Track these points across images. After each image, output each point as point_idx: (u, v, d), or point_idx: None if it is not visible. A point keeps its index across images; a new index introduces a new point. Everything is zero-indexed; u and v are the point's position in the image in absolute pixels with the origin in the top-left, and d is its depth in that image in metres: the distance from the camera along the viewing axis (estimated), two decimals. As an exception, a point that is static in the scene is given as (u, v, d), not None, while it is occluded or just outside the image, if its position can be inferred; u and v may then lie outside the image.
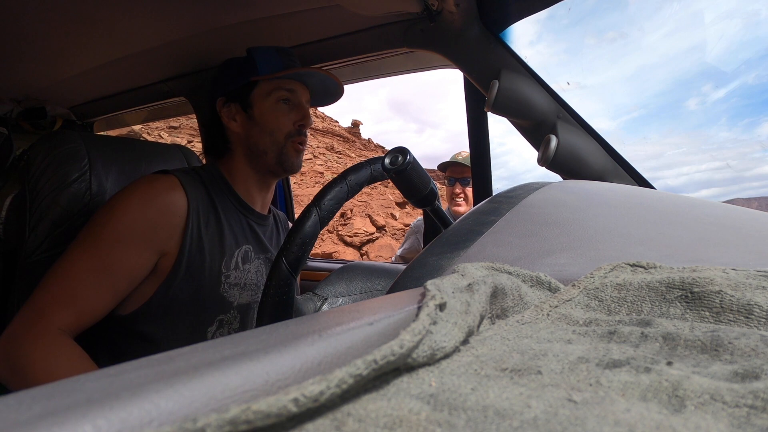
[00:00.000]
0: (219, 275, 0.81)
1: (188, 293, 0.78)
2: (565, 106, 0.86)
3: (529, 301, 0.26)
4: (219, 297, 0.82)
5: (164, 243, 0.75)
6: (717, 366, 0.17)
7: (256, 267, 0.89)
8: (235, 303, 0.85)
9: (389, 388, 0.16)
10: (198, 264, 0.78)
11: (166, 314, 0.77)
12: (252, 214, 0.90)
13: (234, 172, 0.88)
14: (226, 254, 0.82)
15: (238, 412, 0.12)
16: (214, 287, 0.81)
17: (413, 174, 0.60)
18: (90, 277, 0.68)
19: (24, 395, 0.12)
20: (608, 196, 0.47)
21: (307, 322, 0.20)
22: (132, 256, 0.71)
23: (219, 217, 0.82)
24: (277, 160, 0.87)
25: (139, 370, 0.14)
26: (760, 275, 0.23)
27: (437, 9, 0.88)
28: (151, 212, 0.73)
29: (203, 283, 0.79)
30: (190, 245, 0.77)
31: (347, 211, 12.41)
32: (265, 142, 0.86)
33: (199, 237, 0.78)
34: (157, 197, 0.74)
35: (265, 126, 0.86)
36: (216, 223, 0.82)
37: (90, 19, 0.95)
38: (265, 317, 0.50)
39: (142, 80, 1.32)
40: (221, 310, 0.83)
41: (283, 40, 1.09)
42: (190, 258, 0.77)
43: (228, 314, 0.84)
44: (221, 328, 0.84)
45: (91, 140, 0.93)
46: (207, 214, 0.81)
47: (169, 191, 0.76)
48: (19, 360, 0.62)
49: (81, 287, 0.68)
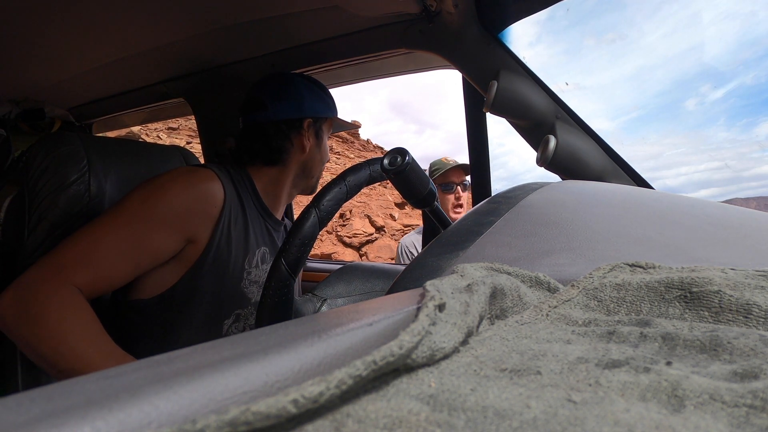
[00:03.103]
0: (242, 271, 0.84)
1: (211, 284, 0.80)
2: (563, 106, 0.86)
3: (529, 302, 0.26)
4: (239, 292, 0.85)
5: (195, 230, 0.77)
6: (716, 366, 0.17)
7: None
8: (253, 299, 0.88)
9: (389, 388, 0.16)
10: (225, 257, 0.81)
11: (188, 302, 0.79)
12: (271, 219, 0.94)
13: (266, 179, 0.92)
14: (250, 252, 0.86)
15: (238, 414, 0.12)
16: (236, 282, 0.84)
17: (412, 175, 0.60)
18: (117, 246, 0.70)
19: (23, 396, 0.12)
20: (607, 197, 0.47)
21: (306, 323, 0.20)
22: (162, 236, 0.73)
23: (246, 215, 0.86)
24: (316, 184, 1.01)
25: (138, 372, 0.14)
26: (758, 275, 0.23)
27: (436, 10, 0.89)
28: (190, 198, 0.75)
29: (227, 276, 0.82)
30: (219, 237, 0.79)
31: (346, 212, 12.41)
32: (318, 169, 0.98)
33: (229, 231, 0.81)
34: (198, 185, 0.77)
35: (323, 157, 0.98)
36: (243, 220, 0.85)
37: (89, 20, 0.95)
38: (264, 318, 0.50)
39: (141, 81, 1.32)
40: (240, 304, 0.86)
41: (283, 41, 1.09)
42: (219, 250, 0.80)
43: (246, 309, 0.87)
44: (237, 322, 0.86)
45: (90, 142, 0.93)
46: (237, 211, 0.84)
47: (209, 181, 0.79)
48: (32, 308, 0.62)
49: (106, 253, 0.69)
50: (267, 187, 0.92)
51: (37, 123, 1.42)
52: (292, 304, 0.52)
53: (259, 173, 0.92)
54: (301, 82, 0.94)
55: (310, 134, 0.93)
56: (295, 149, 0.92)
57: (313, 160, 0.95)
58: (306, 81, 0.95)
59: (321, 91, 0.96)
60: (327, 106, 0.96)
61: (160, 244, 0.73)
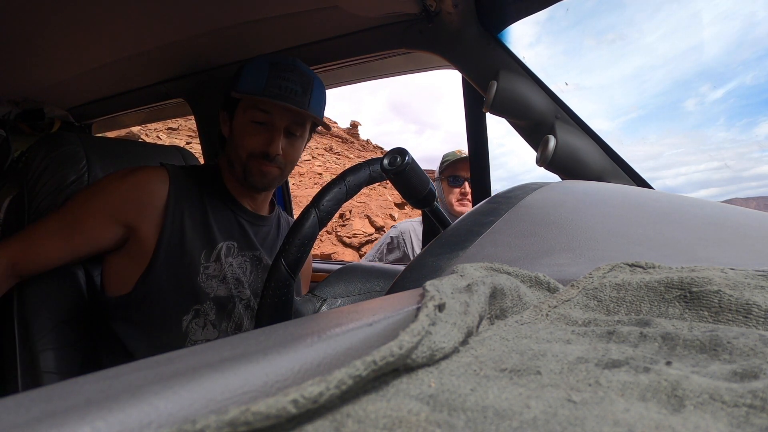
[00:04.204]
0: (198, 265, 0.84)
1: (166, 279, 0.81)
2: (563, 106, 0.86)
3: (528, 302, 0.26)
4: (196, 287, 0.84)
5: (132, 218, 0.80)
6: (716, 366, 0.17)
7: (239, 262, 0.90)
8: (212, 294, 0.86)
9: (388, 389, 0.16)
10: (177, 252, 0.82)
11: (146, 299, 0.81)
12: (243, 212, 0.92)
13: (226, 171, 0.92)
14: (207, 246, 0.85)
15: (237, 414, 0.12)
16: (192, 276, 0.84)
17: (412, 175, 0.60)
18: (50, 227, 0.77)
19: (23, 397, 0.12)
20: (607, 197, 0.47)
21: (306, 324, 0.20)
22: (96, 221, 0.78)
23: (206, 211, 0.86)
24: (242, 174, 0.87)
25: (137, 372, 0.14)
26: (758, 275, 0.23)
27: (435, 10, 0.89)
28: (124, 186, 0.79)
29: (181, 270, 0.82)
30: (170, 233, 0.81)
31: (346, 212, 12.40)
32: (234, 155, 0.88)
33: (181, 226, 0.82)
34: (134, 174, 0.81)
35: (236, 141, 0.87)
36: (201, 216, 0.86)
37: (88, 20, 0.95)
38: (264, 318, 0.50)
39: (141, 82, 1.32)
40: (197, 299, 0.85)
41: (282, 41, 1.09)
42: (170, 245, 0.81)
43: (204, 305, 0.86)
44: (197, 318, 0.85)
45: (90, 142, 0.93)
46: (192, 207, 0.84)
47: (149, 174, 0.82)
48: None
49: (39, 232, 0.77)
50: (228, 178, 0.91)
51: (37, 123, 1.42)
52: (292, 304, 0.52)
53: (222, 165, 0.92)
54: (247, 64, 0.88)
55: (224, 117, 0.90)
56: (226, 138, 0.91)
57: (229, 145, 0.89)
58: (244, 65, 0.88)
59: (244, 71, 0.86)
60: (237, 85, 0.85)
61: (94, 227, 0.78)
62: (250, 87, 0.84)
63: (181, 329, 0.82)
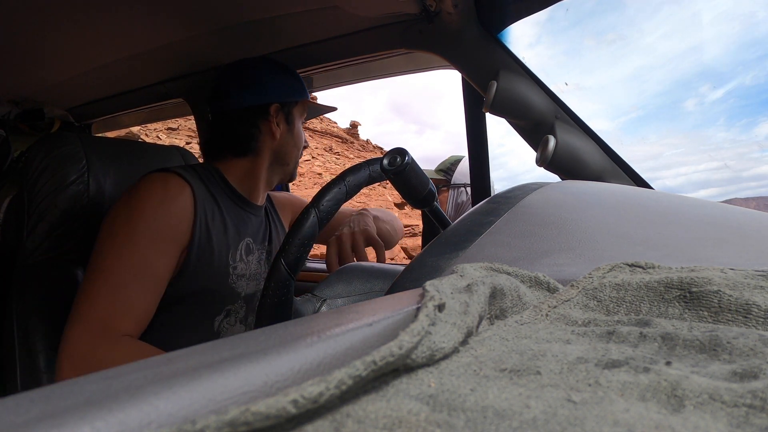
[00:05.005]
0: (227, 267, 0.84)
1: (200, 284, 0.80)
2: (563, 106, 0.86)
3: (528, 302, 0.26)
4: (228, 288, 0.85)
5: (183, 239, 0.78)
6: (716, 366, 0.17)
7: (257, 258, 0.93)
8: (243, 293, 0.88)
9: (388, 389, 0.16)
10: (207, 255, 0.81)
11: (178, 303, 0.80)
12: (249, 207, 0.93)
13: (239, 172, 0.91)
14: (232, 246, 0.86)
15: (237, 414, 0.12)
16: (224, 278, 0.84)
17: (412, 175, 0.60)
18: (136, 283, 0.71)
19: (22, 397, 0.12)
20: (606, 197, 0.47)
21: (306, 324, 0.20)
22: (163, 256, 0.75)
23: (222, 211, 0.85)
24: (293, 171, 0.98)
25: (137, 372, 0.14)
26: (758, 275, 0.23)
27: (435, 10, 0.89)
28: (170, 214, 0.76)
29: (213, 274, 0.82)
30: (199, 238, 0.79)
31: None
32: (293, 155, 0.95)
33: (208, 229, 0.81)
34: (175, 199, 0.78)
35: (297, 142, 0.95)
36: (220, 216, 0.85)
37: (88, 20, 0.95)
38: (264, 318, 0.50)
39: (141, 82, 1.32)
40: (230, 300, 0.86)
41: (282, 41, 1.09)
42: (200, 250, 0.80)
43: (236, 304, 0.87)
44: (228, 317, 0.87)
45: (89, 142, 0.93)
46: (212, 208, 0.84)
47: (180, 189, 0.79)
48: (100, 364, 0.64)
49: (131, 294, 0.71)
50: (242, 179, 0.91)
51: (37, 123, 1.42)
52: (292, 304, 0.52)
53: (231, 166, 0.90)
54: (264, 66, 0.91)
55: (279, 120, 0.91)
56: (264, 137, 0.90)
57: (286, 147, 0.93)
58: (271, 65, 0.92)
59: (287, 75, 0.92)
60: (294, 89, 0.92)
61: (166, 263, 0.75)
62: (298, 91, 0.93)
63: (213, 329, 0.83)
